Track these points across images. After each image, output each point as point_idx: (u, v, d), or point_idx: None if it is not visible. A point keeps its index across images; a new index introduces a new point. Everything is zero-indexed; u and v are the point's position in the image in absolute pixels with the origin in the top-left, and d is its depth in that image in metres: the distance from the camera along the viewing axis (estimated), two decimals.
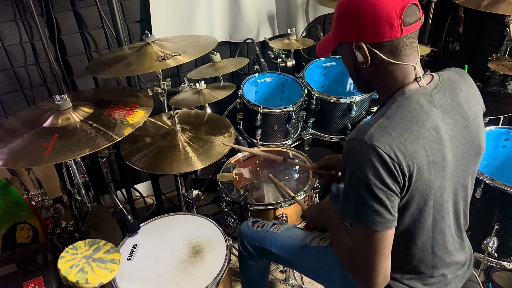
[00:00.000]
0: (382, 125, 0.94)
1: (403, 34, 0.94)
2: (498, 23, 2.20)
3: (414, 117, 0.95)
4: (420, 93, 0.99)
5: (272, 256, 1.44)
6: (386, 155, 0.90)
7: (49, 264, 1.44)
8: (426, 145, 0.95)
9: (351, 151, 0.96)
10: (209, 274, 1.35)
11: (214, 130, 1.76)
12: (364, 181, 0.92)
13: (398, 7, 0.92)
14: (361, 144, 0.93)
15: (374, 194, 0.92)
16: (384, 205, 0.93)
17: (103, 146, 1.30)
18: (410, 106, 0.96)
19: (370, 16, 0.93)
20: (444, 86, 1.03)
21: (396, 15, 0.92)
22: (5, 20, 1.84)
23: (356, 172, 0.94)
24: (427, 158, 0.94)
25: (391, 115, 0.96)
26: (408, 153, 0.92)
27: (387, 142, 0.91)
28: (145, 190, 2.58)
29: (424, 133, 0.95)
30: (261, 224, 1.49)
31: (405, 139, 0.92)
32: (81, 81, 2.12)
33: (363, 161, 0.92)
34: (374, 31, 0.95)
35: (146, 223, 1.58)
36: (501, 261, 1.74)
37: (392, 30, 0.94)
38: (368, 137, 0.92)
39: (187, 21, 2.21)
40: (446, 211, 1.04)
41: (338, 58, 2.43)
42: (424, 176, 0.95)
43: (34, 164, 1.35)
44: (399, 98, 0.98)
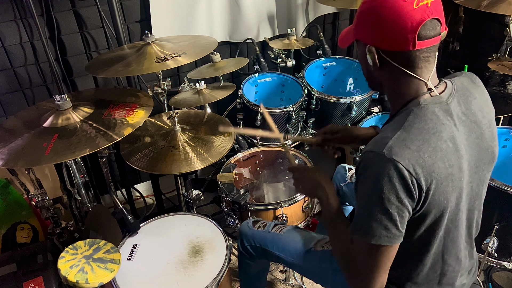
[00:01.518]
0: (401, 138, 0.91)
1: (416, 48, 0.92)
2: (498, 23, 2.20)
3: (432, 128, 0.93)
4: (435, 102, 0.97)
5: (273, 257, 1.43)
6: (405, 169, 0.88)
7: (49, 264, 1.44)
8: (444, 157, 0.93)
9: (368, 163, 0.94)
10: (209, 274, 1.35)
11: (214, 130, 1.76)
12: (378, 195, 0.90)
13: (416, 20, 0.90)
14: (380, 157, 0.90)
15: (385, 209, 0.91)
16: (393, 220, 0.92)
17: (103, 146, 1.30)
18: (427, 117, 0.94)
19: (388, 22, 0.92)
20: (458, 94, 1.01)
21: (412, 29, 0.90)
22: (5, 20, 1.84)
23: (371, 186, 0.92)
24: (445, 171, 0.93)
25: (408, 127, 0.93)
26: (427, 167, 0.90)
27: (406, 156, 0.89)
28: (145, 190, 2.58)
29: (442, 144, 0.93)
30: (262, 224, 1.48)
31: (423, 152, 0.90)
32: (81, 81, 2.12)
33: (380, 175, 0.90)
34: (389, 39, 0.93)
35: (146, 223, 1.58)
36: (501, 261, 1.74)
37: (405, 43, 0.92)
38: (387, 151, 0.90)
39: (187, 21, 2.21)
40: (460, 220, 1.03)
41: (338, 58, 2.43)
42: (442, 189, 0.93)
43: (34, 164, 1.35)
44: (415, 109, 0.96)
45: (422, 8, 0.90)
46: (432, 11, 0.91)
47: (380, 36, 0.94)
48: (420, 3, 0.90)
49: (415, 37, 0.90)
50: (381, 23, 0.93)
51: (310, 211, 1.81)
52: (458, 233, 1.05)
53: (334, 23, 2.76)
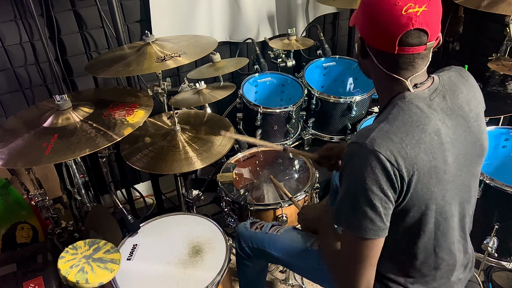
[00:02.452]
0: (384, 129, 0.94)
1: (396, 52, 0.93)
2: (498, 23, 2.20)
3: (415, 121, 0.95)
4: (419, 97, 0.98)
5: (271, 258, 1.43)
6: (387, 160, 0.90)
7: (49, 264, 1.44)
8: (428, 149, 0.94)
9: (352, 154, 0.96)
10: (209, 274, 1.35)
11: (214, 130, 1.76)
12: (361, 186, 0.92)
13: (400, 26, 0.90)
14: (362, 148, 0.92)
15: (369, 200, 0.92)
16: (378, 212, 0.93)
17: (103, 146, 1.29)
18: (411, 111, 0.96)
19: (376, 21, 0.93)
20: (444, 89, 1.02)
21: (394, 33, 0.91)
22: (5, 20, 1.84)
23: (354, 176, 0.94)
24: (429, 163, 0.94)
25: (392, 120, 0.95)
26: (409, 158, 0.92)
27: (388, 147, 0.91)
28: (145, 190, 2.58)
29: (426, 137, 0.94)
30: (259, 225, 1.48)
31: (406, 144, 0.92)
32: (81, 81, 2.12)
33: (363, 166, 0.91)
34: (374, 36, 0.96)
35: (146, 223, 1.58)
36: (501, 261, 1.74)
37: (387, 45, 0.94)
38: (370, 142, 0.92)
39: (187, 21, 2.21)
40: (450, 214, 1.04)
41: (338, 58, 2.43)
42: (425, 181, 0.94)
43: (34, 164, 1.35)
44: (399, 102, 0.98)
45: (409, 15, 0.90)
46: (420, 21, 0.90)
47: (368, 31, 0.97)
48: (409, 9, 0.89)
49: (396, 42, 0.91)
50: (371, 19, 0.95)
51: None
52: (449, 226, 1.05)
53: (334, 23, 2.76)
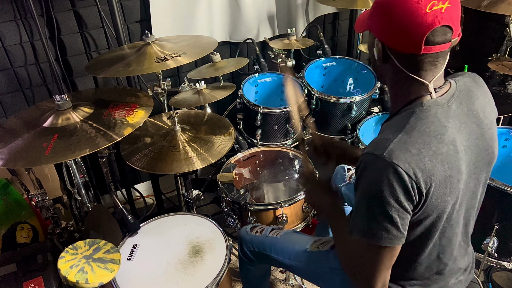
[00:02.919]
0: (402, 140, 0.90)
1: (422, 52, 0.90)
2: (498, 23, 2.20)
3: (433, 131, 0.92)
4: (437, 104, 0.96)
5: (272, 261, 1.44)
6: (405, 173, 0.87)
7: (49, 264, 1.44)
8: (444, 160, 0.92)
9: (368, 165, 0.93)
10: (209, 274, 1.35)
11: (214, 130, 1.76)
12: (377, 198, 0.90)
13: (426, 25, 0.87)
14: (379, 160, 0.89)
15: (385, 212, 0.90)
16: (394, 222, 0.91)
17: (103, 146, 1.29)
18: (429, 120, 0.93)
19: (398, 23, 0.90)
20: (461, 95, 1.00)
21: (420, 33, 0.88)
22: (5, 20, 1.84)
23: (370, 188, 0.92)
24: (444, 173, 0.92)
25: (410, 130, 0.92)
26: (427, 170, 0.89)
27: (407, 159, 0.88)
28: (145, 190, 2.58)
29: (443, 148, 0.92)
30: (260, 229, 1.48)
31: (424, 156, 0.89)
32: (81, 81, 2.12)
33: (380, 178, 0.89)
34: (396, 39, 0.92)
35: (146, 223, 1.58)
36: (501, 261, 1.74)
37: (412, 46, 0.90)
38: (388, 154, 0.89)
39: (187, 21, 2.21)
40: (456, 220, 1.03)
41: (338, 58, 2.43)
42: (440, 191, 0.93)
43: (34, 164, 1.35)
44: (417, 110, 0.95)
45: (434, 13, 0.87)
46: (445, 17, 0.88)
47: (388, 33, 0.93)
48: (434, 7, 0.87)
49: (422, 41, 0.89)
50: (391, 21, 0.91)
51: (310, 211, 1.81)
52: (453, 232, 1.05)
53: (334, 23, 2.76)
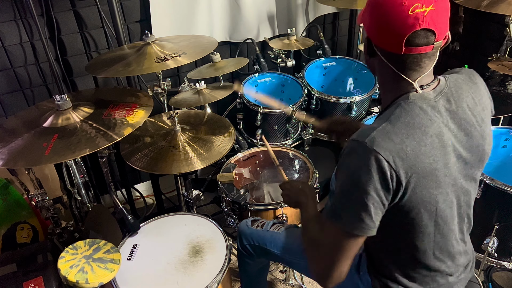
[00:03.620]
0: (385, 130, 0.93)
1: (403, 53, 0.92)
2: (498, 23, 2.21)
3: (417, 123, 0.94)
4: (424, 98, 0.97)
5: (272, 256, 1.44)
6: (385, 160, 0.89)
7: (49, 264, 1.44)
8: (429, 152, 0.93)
9: (350, 152, 0.95)
10: (209, 274, 1.35)
11: (214, 130, 1.77)
12: (355, 184, 0.92)
13: (407, 26, 0.89)
14: (361, 147, 0.92)
15: (361, 199, 0.92)
16: (368, 211, 0.92)
17: (103, 146, 1.30)
18: (414, 112, 0.95)
19: (383, 21, 0.92)
20: (450, 91, 1.01)
21: (400, 34, 0.90)
22: (5, 20, 1.84)
23: (350, 174, 0.94)
24: (429, 166, 0.93)
25: (394, 120, 0.94)
26: (408, 160, 0.91)
27: (388, 147, 0.90)
28: (145, 190, 2.58)
29: (427, 140, 0.93)
30: (261, 223, 1.48)
31: (406, 145, 0.91)
32: (81, 81, 2.12)
33: (360, 164, 0.91)
34: (381, 37, 0.95)
35: (146, 223, 1.58)
36: (501, 261, 1.74)
37: (394, 45, 0.93)
38: (369, 141, 0.91)
39: (187, 21, 2.21)
40: (450, 216, 1.03)
41: (338, 58, 2.43)
42: (424, 184, 0.94)
43: (34, 164, 1.35)
44: (402, 103, 0.97)
45: (416, 16, 0.88)
46: (427, 20, 0.89)
47: (374, 30, 0.96)
48: (416, 9, 0.88)
49: (402, 42, 0.90)
50: (377, 19, 0.94)
51: None
52: (449, 229, 1.05)
53: (334, 23, 2.76)
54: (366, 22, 0.99)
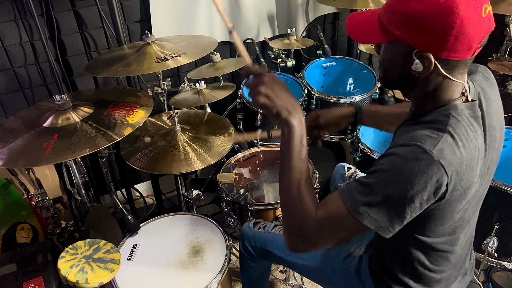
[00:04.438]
0: (448, 141, 0.86)
1: (472, 57, 0.88)
2: (498, 23, 2.20)
3: (470, 136, 0.90)
4: (469, 108, 0.93)
5: (274, 258, 1.43)
6: (447, 174, 0.84)
7: (49, 264, 1.44)
8: (475, 165, 0.90)
9: (413, 156, 0.85)
10: (209, 274, 1.35)
11: (214, 130, 1.76)
12: (405, 190, 0.84)
13: (485, 30, 0.85)
14: (427, 155, 0.84)
15: (403, 206, 0.85)
16: (402, 217, 0.87)
17: (103, 146, 1.29)
18: (465, 123, 0.91)
19: (456, 31, 0.83)
20: (480, 97, 0.99)
21: (479, 39, 0.85)
22: (5, 20, 1.84)
23: (404, 178, 0.84)
24: (471, 179, 0.91)
25: (452, 132, 0.87)
26: (460, 174, 0.87)
27: (452, 161, 0.84)
28: (145, 190, 2.58)
29: (475, 153, 0.90)
30: (262, 225, 1.48)
31: (463, 160, 0.87)
32: (81, 81, 2.12)
33: (419, 173, 0.83)
34: (451, 48, 0.85)
35: (146, 223, 1.58)
36: (501, 261, 1.74)
37: (467, 52, 0.86)
38: (437, 151, 0.84)
39: (187, 21, 2.21)
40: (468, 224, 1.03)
41: (338, 58, 2.43)
42: (458, 195, 0.91)
43: (34, 164, 1.35)
44: (453, 113, 0.91)
45: (488, 17, 0.85)
46: (493, 19, 0.87)
47: (441, 43, 0.85)
48: (486, 10, 0.85)
49: (478, 46, 0.86)
50: (448, 30, 0.83)
51: None
52: (464, 235, 1.04)
53: (334, 23, 2.76)
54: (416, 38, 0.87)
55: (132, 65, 1.54)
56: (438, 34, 0.84)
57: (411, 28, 0.87)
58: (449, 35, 0.84)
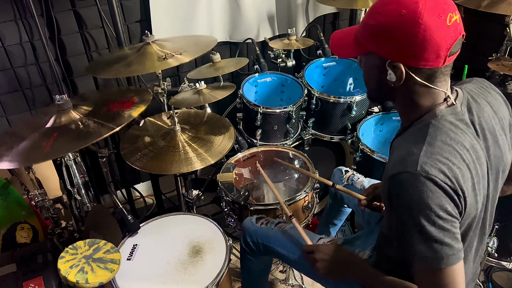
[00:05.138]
0: (428, 152, 0.89)
1: (444, 65, 0.90)
2: (498, 23, 2.20)
3: (454, 139, 0.91)
4: (450, 113, 0.95)
5: (275, 254, 1.44)
6: (443, 182, 0.86)
7: (49, 264, 1.44)
8: (470, 165, 0.91)
9: (405, 185, 0.88)
10: (209, 274, 1.35)
11: (214, 130, 1.76)
12: (427, 214, 0.86)
13: (451, 38, 0.87)
14: (416, 176, 0.86)
15: (440, 226, 0.86)
16: (451, 234, 0.88)
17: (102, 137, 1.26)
18: (447, 128, 0.92)
19: (421, 40, 0.87)
20: (469, 102, 1.00)
21: (446, 46, 0.88)
22: (5, 20, 1.84)
23: (416, 207, 0.86)
24: (472, 180, 0.91)
25: (432, 141, 0.91)
26: (459, 176, 0.88)
27: (440, 169, 0.86)
28: (145, 190, 2.58)
29: (466, 154, 0.91)
30: (265, 221, 1.49)
31: (453, 163, 0.88)
32: (81, 81, 2.12)
33: (423, 194, 0.85)
34: (419, 57, 0.89)
35: (146, 223, 1.58)
36: (501, 261, 1.75)
37: (436, 60, 0.89)
38: (421, 168, 0.86)
39: (187, 21, 2.21)
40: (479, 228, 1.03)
41: (338, 58, 2.43)
42: (472, 197, 0.92)
43: (33, 162, 1.34)
44: (433, 121, 0.94)
45: (454, 25, 0.87)
46: (461, 28, 0.89)
47: (409, 52, 0.89)
48: (451, 19, 0.87)
49: (447, 54, 0.88)
50: (413, 39, 0.87)
51: (310, 211, 1.81)
52: (475, 239, 1.04)
53: (334, 23, 2.76)
54: (387, 49, 0.92)
55: (133, 65, 1.53)
56: (404, 43, 0.89)
57: (378, 39, 0.92)
58: (415, 44, 0.88)
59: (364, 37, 0.96)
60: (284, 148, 2.04)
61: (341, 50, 1.06)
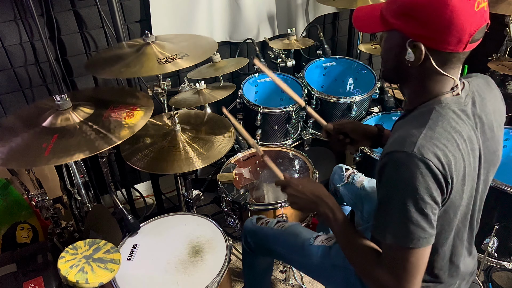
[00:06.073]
0: (428, 136, 0.90)
1: (463, 51, 0.90)
2: (498, 23, 2.21)
3: (453, 127, 0.92)
4: (455, 102, 0.96)
5: (275, 254, 1.44)
6: (436, 167, 0.87)
7: (49, 264, 1.44)
8: (465, 155, 0.93)
9: (399, 164, 0.89)
10: (209, 274, 1.35)
11: (214, 130, 1.76)
12: (412, 196, 0.88)
13: (476, 24, 0.87)
14: (411, 157, 0.87)
15: (421, 209, 0.88)
16: (429, 219, 0.90)
17: (102, 150, 1.28)
18: (449, 116, 0.93)
19: (447, 21, 0.87)
20: (474, 96, 1.01)
21: (470, 32, 0.87)
22: (5, 20, 1.84)
23: (404, 186, 0.89)
24: (464, 170, 0.93)
25: (433, 126, 0.92)
26: (452, 165, 0.89)
27: (436, 154, 0.88)
28: (145, 190, 2.58)
29: (463, 144, 0.92)
30: (265, 221, 1.49)
31: (449, 151, 0.89)
32: (81, 81, 2.12)
33: (414, 175, 0.87)
34: (441, 38, 0.89)
35: (146, 223, 1.58)
36: (501, 261, 1.74)
37: (458, 45, 0.89)
38: (418, 150, 0.87)
39: (187, 21, 2.21)
40: (468, 220, 1.04)
41: (338, 58, 2.43)
42: (459, 187, 0.93)
43: (34, 165, 1.34)
44: (437, 107, 0.95)
45: (481, 12, 0.87)
46: (487, 16, 0.89)
47: (432, 33, 0.89)
48: (479, 5, 0.87)
49: (469, 40, 0.88)
50: (439, 20, 0.87)
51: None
52: (465, 233, 1.05)
53: (334, 23, 2.76)
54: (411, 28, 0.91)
55: (133, 66, 1.53)
56: (429, 23, 0.89)
57: (404, 16, 0.92)
58: (440, 25, 0.87)
59: (389, 12, 0.96)
60: (284, 148, 2.04)
61: (364, 24, 1.06)
